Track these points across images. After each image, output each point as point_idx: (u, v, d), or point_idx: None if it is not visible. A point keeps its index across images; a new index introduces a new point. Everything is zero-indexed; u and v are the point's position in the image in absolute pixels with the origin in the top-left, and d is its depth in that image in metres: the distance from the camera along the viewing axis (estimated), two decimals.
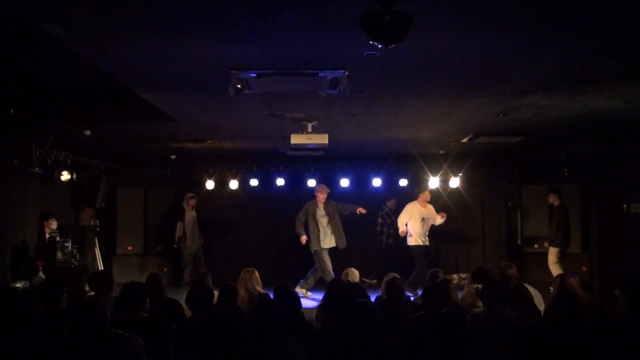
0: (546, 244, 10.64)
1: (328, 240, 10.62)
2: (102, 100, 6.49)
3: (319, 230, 10.60)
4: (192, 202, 11.77)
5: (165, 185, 12.35)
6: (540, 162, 11.30)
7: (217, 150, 10.34)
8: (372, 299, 6.56)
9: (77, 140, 8.53)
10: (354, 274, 7.19)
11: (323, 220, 10.67)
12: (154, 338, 4.19)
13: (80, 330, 3.74)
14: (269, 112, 6.87)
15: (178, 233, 11.57)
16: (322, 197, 10.72)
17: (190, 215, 11.74)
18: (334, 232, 10.65)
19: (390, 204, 12.02)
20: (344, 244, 10.67)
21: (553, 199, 10.73)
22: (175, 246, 11.57)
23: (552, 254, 10.49)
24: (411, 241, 10.80)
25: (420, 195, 11.11)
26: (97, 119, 7.12)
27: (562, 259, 10.42)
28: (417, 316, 4.75)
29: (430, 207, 11.12)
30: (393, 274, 6.54)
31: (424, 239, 10.80)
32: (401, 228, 10.89)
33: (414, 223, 10.78)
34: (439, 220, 10.98)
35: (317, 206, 10.72)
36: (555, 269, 10.21)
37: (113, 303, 4.97)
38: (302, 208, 10.80)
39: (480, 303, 5.59)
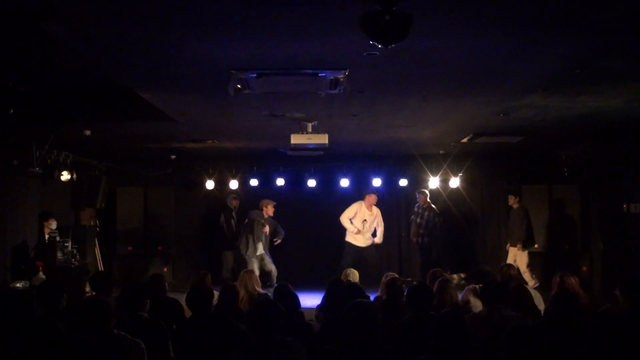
0: (519, 248, 10.55)
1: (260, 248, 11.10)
2: (102, 100, 6.49)
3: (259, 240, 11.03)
4: (236, 202, 11.76)
5: (165, 185, 12.34)
6: (540, 162, 11.29)
7: (217, 150, 10.34)
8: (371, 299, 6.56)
9: (77, 140, 8.53)
10: (354, 274, 7.18)
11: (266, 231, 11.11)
12: (154, 338, 4.19)
13: (85, 330, 3.74)
14: (269, 112, 6.87)
15: (235, 231, 11.56)
16: (272, 211, 11.11)
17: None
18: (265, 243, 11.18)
19: (421, 199, 11.56)
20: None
21: (513, 202, 10.73)
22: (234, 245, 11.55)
23: (524, 257, 10.42)
24: (347, 237, 11.12)
25: (367, 197, 11.30)
26: (97, 119, 7.11)
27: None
28: (406, 319, 4.71)
29: (376, 211, 11.37)
30: (392, 274, 6.53)
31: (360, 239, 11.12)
32: (346, 225, 11.18)
33: (356, 222, 11.13)
34: (379, 232, 11.30)
35: (263, 217, 11.05)
36: (529, 274, 10.19)
37: (114, 303, 4.97)
38: (249, 217, 11.10)
39: (478, 303, 5.60)
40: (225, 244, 11.51)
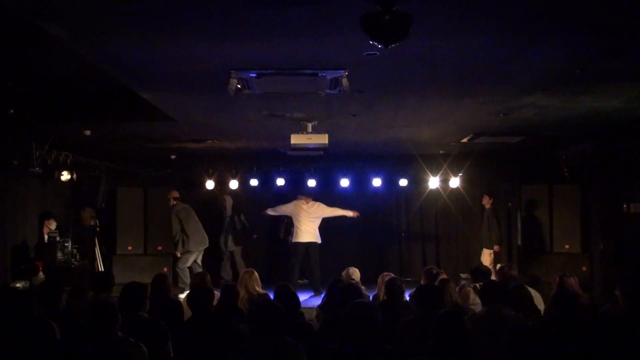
0: (496, 248, 11.03)
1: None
2: (102, 100, 6.49)
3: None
4: (224, 202, 11.81)
5: (165, 185, 12.34)
6: (540, 162, 11.29)
7: (217, 150, 10.34)
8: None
9: (77, 140, 8.53)
10: (356, 273, 7.18)
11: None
12: (154, 338, 4.19)
13: (89, 332, 3.74)
14: (269, 112, 6.87)
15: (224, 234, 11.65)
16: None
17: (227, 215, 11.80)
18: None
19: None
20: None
21: (486, 201, 10.83)
22: (223, 246, 11.65)
23: (489, 255, 10.62)
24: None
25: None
26: (97, 119, 7.11)
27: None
28: (411, 318, 4.73)
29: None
30: (388, 274, 6.52)
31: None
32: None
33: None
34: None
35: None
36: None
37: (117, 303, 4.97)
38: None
39: (477, 302, 5.60)
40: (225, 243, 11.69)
